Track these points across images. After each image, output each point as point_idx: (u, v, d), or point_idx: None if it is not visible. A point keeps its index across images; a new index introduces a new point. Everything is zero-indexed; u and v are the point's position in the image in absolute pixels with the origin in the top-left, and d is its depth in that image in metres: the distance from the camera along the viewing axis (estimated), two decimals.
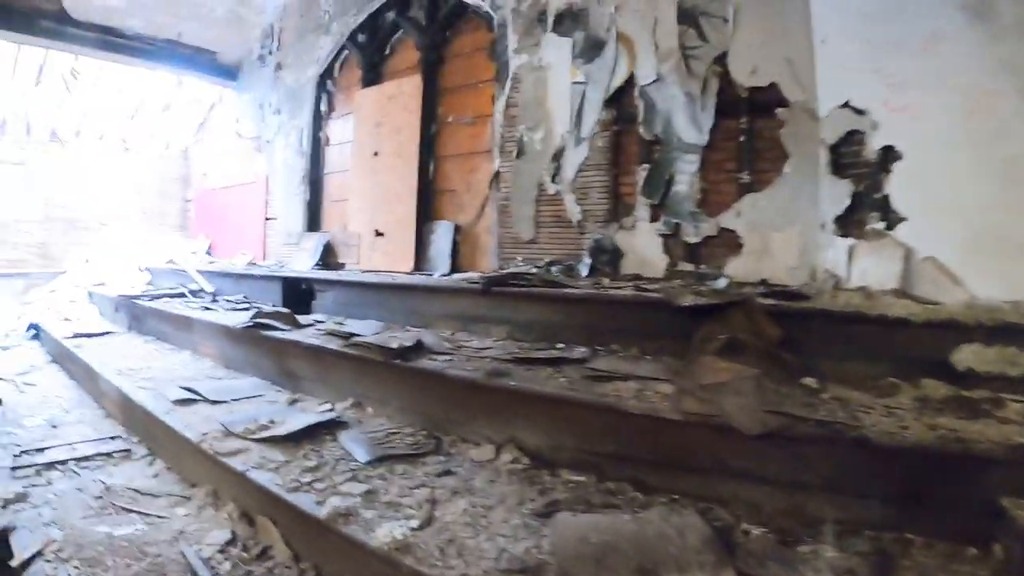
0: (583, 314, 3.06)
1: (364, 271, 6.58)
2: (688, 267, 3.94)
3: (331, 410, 2.97)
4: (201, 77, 9.19)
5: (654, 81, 4.21)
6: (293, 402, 3.24)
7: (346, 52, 7.22)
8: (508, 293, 3.44)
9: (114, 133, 10.63)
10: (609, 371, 2.33)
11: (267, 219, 8.91)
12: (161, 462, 2.86)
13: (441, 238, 5.89)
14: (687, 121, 4.02)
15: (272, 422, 2.72)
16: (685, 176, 4.02)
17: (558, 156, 4.78)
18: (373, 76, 6.90)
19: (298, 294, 5.50)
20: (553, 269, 4.34)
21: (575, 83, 4.69)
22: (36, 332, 8.06)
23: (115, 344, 6.04)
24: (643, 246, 4.17)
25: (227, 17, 8.08)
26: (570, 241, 4.64)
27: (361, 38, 6.91)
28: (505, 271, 4.45)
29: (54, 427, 3.86)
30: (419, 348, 2.99)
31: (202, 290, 6.77)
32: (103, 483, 2.61)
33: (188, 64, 8.80)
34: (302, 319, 4.46)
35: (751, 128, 3.80)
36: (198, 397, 3.27)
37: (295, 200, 8.04)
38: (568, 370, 2.46)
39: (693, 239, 3.96)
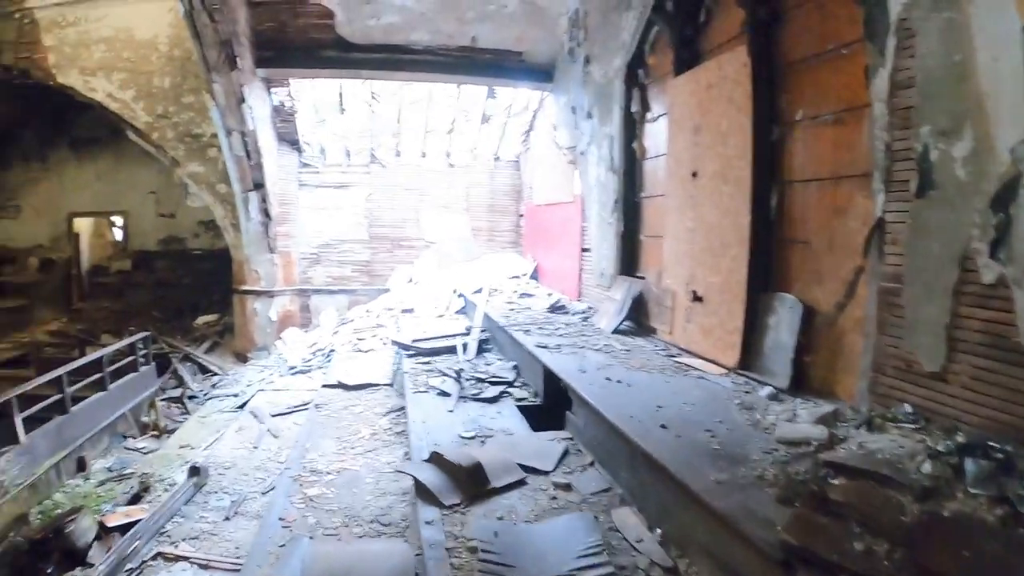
0: None
1: (675, 351, 5.69)
2: None
3: None
4: (510, 83, 9.71)
5: None
6: None
7: (655, 28, 6.30)
8: None
9: (436, 150, 12.39)
10: None
11: (583, 250, 8.81)
12: None
13: (782, 324, 4.44)
14: None
15: None
16: None
17: (1005, 196, 2.82)
18: (688, 56, 5.84)
19: (558, 391, 5.09)
20: (969, 467, 2.53)
21: None
22: (329, 356, 9.89)
23: (354, 412, 6.88)
24: None
25: (523, 11, 8.24)
26: None
27: (668, 5, 5.88)
28: (861, 463, 2.79)
29: (227, 520, 4.54)
30: None
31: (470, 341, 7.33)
32: None
33: (492, 70, 9.44)
34: (532, 451, 3.94)
35: None
36: None
37: (608, 231, 7.64)
38: None
39: None
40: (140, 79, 11.32)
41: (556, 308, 8.30)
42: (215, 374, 11.56)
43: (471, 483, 3.75)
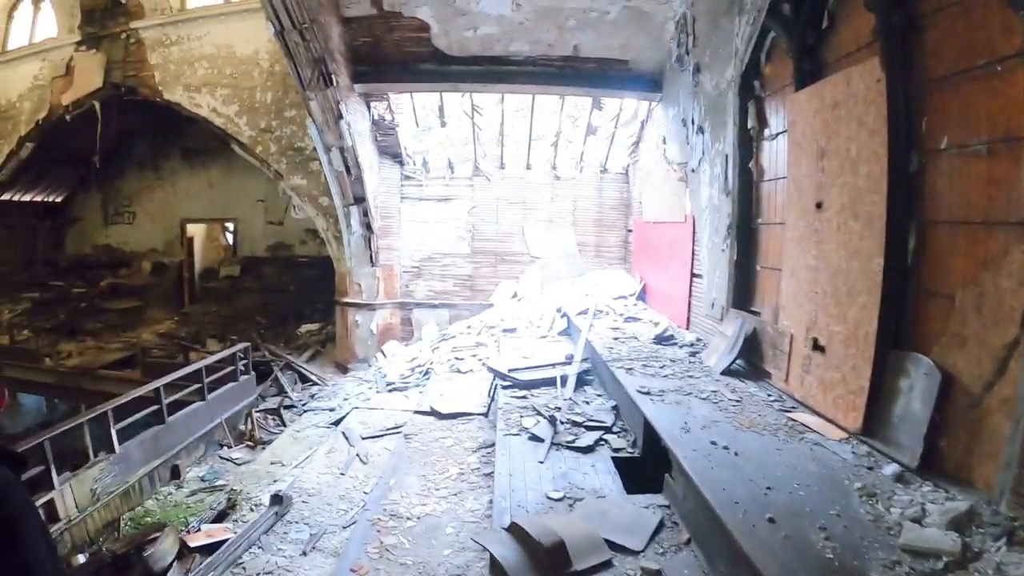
0: None
1: (789, 403, 5.34)
2: None
3: None
4: (616, 93, 9.57)
5: None
6: None
7: (770, 35, 5.90)
8: None
9: (541, 161, 12.37)
10: None
11: (693, 275, 8.49)
12: None
13: (915, 391, 3.99)
14: None
15: None
16: None
17: None
18: (810, 67, 5.43)
19: (659, 446, 4.78)
20: None
21: None
22: (427, 374, 9.99)
23: (443, 445, 6.92)
24: None
25: (626, 17, 8.04)
26: None
27: (785, 8, 5.49)
28: None
29: (303, 555, 5.06)
30: None
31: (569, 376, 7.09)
32: None
33: (596, 80, 9.30)
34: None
35: None
36: None
37: (720, 258, 7.29)
38: None
39: None
40: (243, 94, 12.03)
41: (663, 339, 7.98)
42: (315, 384, 12.08)
43: (551, 564, 3.56)
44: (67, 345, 14.41)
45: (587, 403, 6.53)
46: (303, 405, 11.02)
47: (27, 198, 17.26)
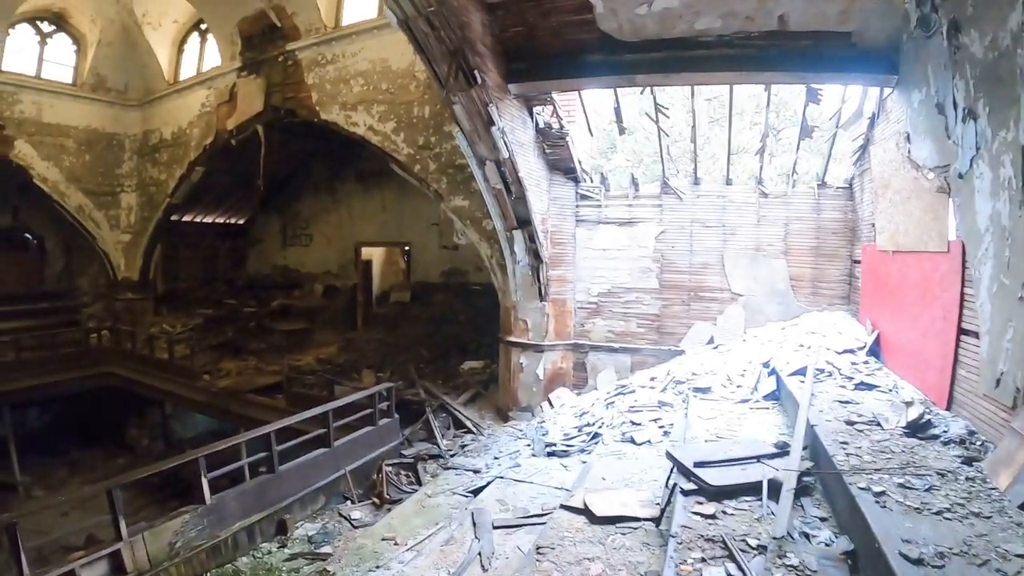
0: None
1: None
2: None
3: None
4: (836, 77, 7.81)
5: None
6: None
7: None
8: None
9: (743, 174, 10.38)
10: None
11: (961, 331, 6.14)
12: None
13: None
14: None
15: None
16: None
17: None
18: None
19: None
20: None
21: None
22: (594, 438, 8.46)
23: (582, 571, 4.83)
24: None
25: None
26: None
27: None
28: None
29: None
30: None
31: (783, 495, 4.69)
32: None
33: (810, 62, 7.47)
34: None
35: None
36: None
37: (1015, 309, 4.96)
38: None
39: None
40: (399, 110, 11.61)
41: (917, 427, 5.43)
42: (469, 431, 10.93)
43: None
44: (229, 363, 14.77)
45: (806, 536, 4.18)
46: (450, 455, 9.87)
47: (209, 220, 18.45)
